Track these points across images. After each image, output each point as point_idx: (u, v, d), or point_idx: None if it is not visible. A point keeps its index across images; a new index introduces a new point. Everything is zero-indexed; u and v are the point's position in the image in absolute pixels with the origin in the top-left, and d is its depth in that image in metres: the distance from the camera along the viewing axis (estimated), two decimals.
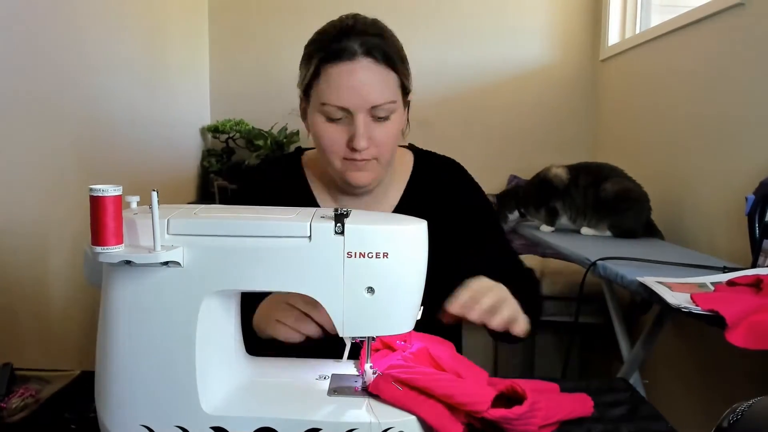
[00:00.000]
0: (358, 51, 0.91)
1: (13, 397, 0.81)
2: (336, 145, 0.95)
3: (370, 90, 0.91)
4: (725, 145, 1.76)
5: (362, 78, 0.91)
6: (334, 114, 0.93)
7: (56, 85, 1.66)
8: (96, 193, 0.63)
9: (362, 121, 0.92)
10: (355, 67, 0.91)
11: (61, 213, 1.65)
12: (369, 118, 0.93)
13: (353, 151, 0.94)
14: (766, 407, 0.61)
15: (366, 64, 0.91)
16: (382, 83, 0.93)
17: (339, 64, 0.91)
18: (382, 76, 0.93)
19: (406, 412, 0.68)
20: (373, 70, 0.92)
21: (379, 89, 0.92)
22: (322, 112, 0.94)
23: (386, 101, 0.93)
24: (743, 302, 1.07)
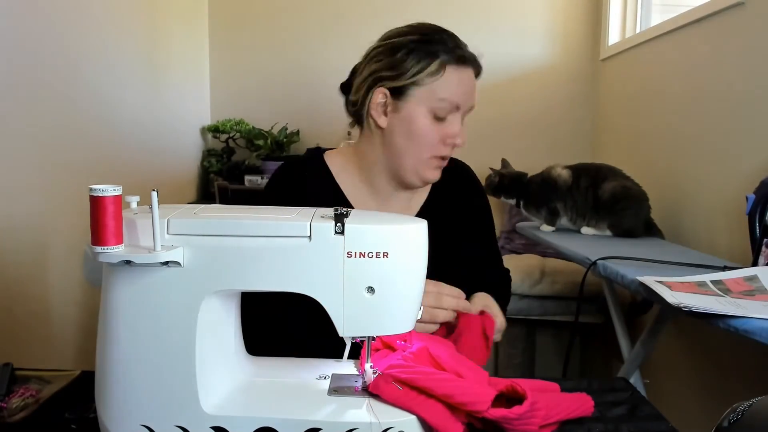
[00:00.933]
0: (470, 60, 1.05)
1: (14, 397, 0.81)
2: (435, 141, 1.03)
3: (473, 94, 1.06)
4: (725, 144, 1.76)
5: (471, 83, 1.05)
6: (443, 111, 1.02)
7: (56, 85, 1.66)
8: (96, 193, 0.63)
9: (463, 121, 1.05)
10: (470, 73, 1.05)
11: (61, 213, 1.65)
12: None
13: (449, 147, 1.04)
14: (766, 407, 0.61)
15: (471, 72, 1.05)
16: (475, 91, 1.08)
17: (464, 68, 1.03)
18: (475, 85, 1.08)
19: (406, 411, 0.68)
20: (473, 79, 1.06)
21: (475, 95, 1.07)
22: (433, 107, 1.01)
23: (474, 105, 1.07)
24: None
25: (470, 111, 1.06)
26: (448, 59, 1.01)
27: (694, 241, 1.87)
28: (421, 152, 1.03)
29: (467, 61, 1.03)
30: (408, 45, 1.02)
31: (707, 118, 1.86)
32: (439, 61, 1.00)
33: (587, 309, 2.24)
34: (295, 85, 3.05)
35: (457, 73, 1.01)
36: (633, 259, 1.46)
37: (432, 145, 1.02)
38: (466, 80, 1.03)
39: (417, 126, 1.01)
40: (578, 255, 1.62)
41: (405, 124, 1.02)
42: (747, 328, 1.02)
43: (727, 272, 1.28)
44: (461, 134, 1.03)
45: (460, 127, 1.03)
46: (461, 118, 1.04)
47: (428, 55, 1.01)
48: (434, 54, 1.01)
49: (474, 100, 1.05)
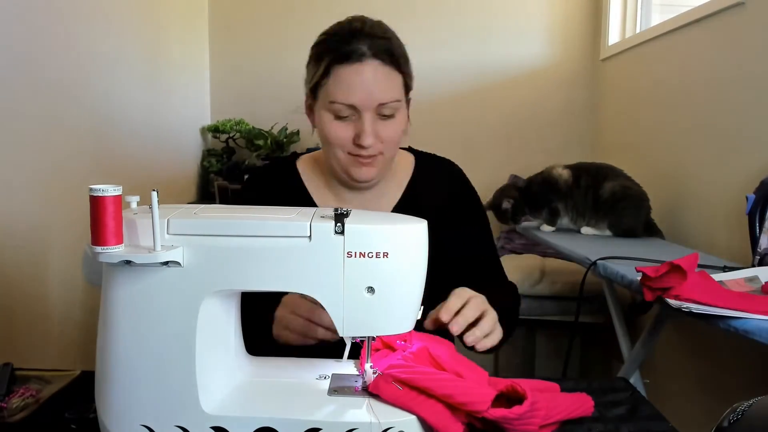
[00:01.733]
0: (367, 53, 0.96)
1: (14, 397, 0.81)
2: (343, 141, 0.99)
3: (377, 89, 0.96)
4: (725, 144, 1.76)
5: (370, 78, 0.96)
6: (342, 112, 0.98)
7: (56, 85, 1.66)
8: (96, 193, 0.63)
9: (369, 119, 0.97)
10: (363, 68, 0.96)
11: (61, 213, 1.65)
12: (375, 116, 0.98)
13: (360, 147, 0.99)
14: (766, 407, 0.61)
15: (374, 65, 0.96)
16: (389, 83, 0.98)
17: (349, 65, 0.96)
18: (389, 76, 0.98)
19: (406, 411, 0.68)
20: (380, 70, 0.97)
21: (385, 88, 0.97)
22: (331, 110, 0.99)
23: (392, 100, 0.98)
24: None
25: (391, 103, 0.98)
26: (332, 59, 0.97)
27: (694, 241, 1.87)
28: (337, 152, 1.01)
29: (354, 57, 0.95)
30: (313, 48, 1.02)
31: (707, 118, 1.86)
32: (324, 63, 0.98)
33: (587, 309, 2.24)
34: (295, 85, 3.04)
35: (344, 72, 0.96)
36: (633, 259, 1.46)
37: (343, 146, 1.00)
38: (354, 78, 0.95)
39: (325, 129, 1.00)
40: (578, 255, 1.62)
41: (319, 127, 1.02)
42: (747, 328, 1.02)
43: (728, 273, 1.28)
44: (366, 135, 0.96)
45: (367, 126, 0.97)
46: (370, 117, 0.97)
47: (317, 59, 1.00)
48: (319, 55, 0.99)
49: (379, 96, 0.96)
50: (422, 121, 2.90)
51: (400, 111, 1.01)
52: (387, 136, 0.99)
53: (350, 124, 0.98)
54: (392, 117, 0.99)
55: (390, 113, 0.99)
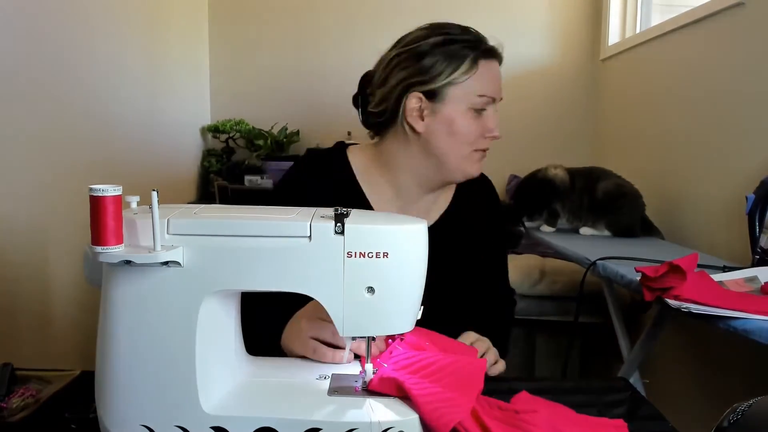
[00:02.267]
0: (496, 53, 1.06)
1: (14, 397, 0.81)
2: (476, 135, 1.04)
3: (500, 85, 1.06)
4: (725, 144, 1.76)
5: (498, 74, 1.06)
6: (483, 105, 1.03)
7: (56, 85, 1.66)
8: (96, 193, 0.63)
9: (497, 112, 1.06)
10: (496, 66, 1.06)
11: (61, 213, 1.65)
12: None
13: (489, 140, 1.05)
14: (766, 407, 0.61)
15: (497, 64, 1.06)
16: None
17: (492, 61, 1.04)
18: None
19: (408, 409, 0.68)
20: (499, 69, 1.07)
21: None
22: (473, 104, 1.02)
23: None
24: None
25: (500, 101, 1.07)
26: (478, 54, 1.02)
27: (693, 240, 1.87)
28: (464, 149, 1.04)
29: (494, 54, 1.05)
30: (434, 47, 1.02)
31: (707, 118, 1.86)
32: (471, 57, 1.01)
33: (587, 309, 2.24)
34: (295, 85, 3.05)
35: (488, 66, 1.03)
36: (633, 259, 1.46)
37: (474, 141, 1.04)
38: (496, 72, 1.05)
39: (458, 124, 1.02)
40: (578, 255, 1.62)
41: (445, 124, 1.03)
42: (747, 328, 1.02)
43: (728, 273, 1.28)
44: (497, 125, 1.05)
45: (497, 120, 1.05)
46: (495, 111, 1.05)
47: (458, 54, 1.02)
48: (464, 52, 1.02)
49: (502, 91, 1.06)
50: None
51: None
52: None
53: (480, 122, 1.03)
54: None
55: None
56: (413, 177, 1.09)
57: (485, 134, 1.04)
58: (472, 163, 1.07)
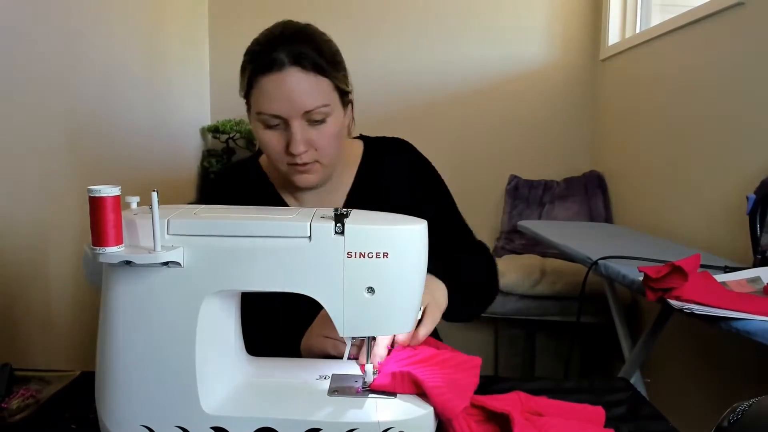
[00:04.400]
0: (286, 61, 0.94)
1: (14, 398, 0.81)
2: (276, 151, 0.98)
3: (300, 97, 0.94)
4: (726, 144, 1.76)
5: (292, 86, 0.94)
6: (270, 122, 0.96)
7: (56, 85, 1.66)
8: (95, 194, 0.63)
9: (297, 127, 0.95)
10: (284, 76, 0.94)
11: (61, 213, 1.65)
12: (304, 123, 0.96)
13: (292, 155, 0.97)
14: (766, 407, 0.61)
15: (294, 72, 0.94)
16: (313, 89, 0.96)
17: (269, 75, 0.94)
18: (312, 83, 0.95)
19: (408, 409, 0.68)
20: (302, 77, 0.94)
21: (309, 95, 0.95)
22: (260, 120, 0.97)
23: (318, 106, 0.95)
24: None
25: (319, 109, 0.95)
26: (255, 70, 0.96)
27: (694, 240, 1.87)
28: (274, 161, 1.00)
29: (274, 66, 0.94)
30: (243, 57, 1.02)
31: (707, 118, 1.86)
32: (248, 75, 0.97)
33: (588, 309, 2.24)
34: None
35: (265, 83, 0.95)
36: (634, 259, 1.46)
37: (278, 155, 0.99)
38: (275, 88, 0.94)
39: (258, 138, 1.00)
40: (579, 254, 1.62)
41: (255, 135, 1.02)
42: (748, 329, 1.02)
43: (730, 273, 1.28)
44: (294, 144, 0.95)
45: (296, 135, 0.95)
46: (298, 125, 0.95)
47: (243, 68, 0.99)
48: (244, 67, 0.99)
49: (302, 104, 0.94)
50: (422, 121, 2.91)
51: (332, 116, 0.98)
52: (319, 142, 0.97)
53: (281, 133, 0.97)
54: (323, 122, 0.97)
55: (320, 118, 0.96)
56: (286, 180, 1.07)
57: (286, 150, 0.97)
58: (295, 175, 1.00)
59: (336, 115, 0.99)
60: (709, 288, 1.14)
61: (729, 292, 1.15)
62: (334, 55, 1.01)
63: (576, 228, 2.18)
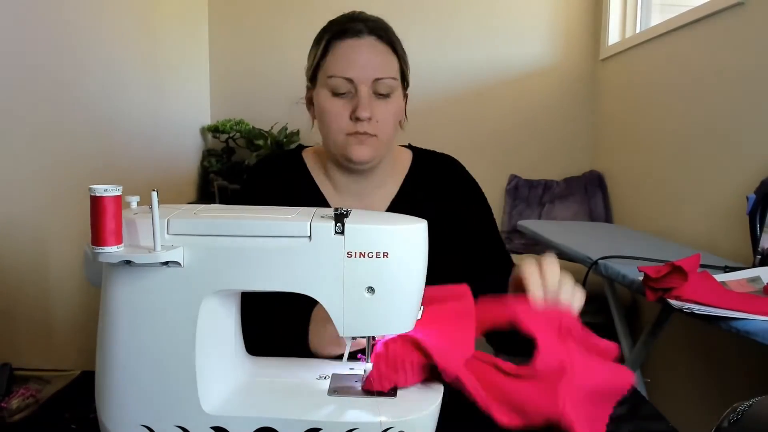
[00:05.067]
0: (364, 30, 0.99)
1: (13, 398, 0.81)
2: (340, 118, 1.00)
3: (374, 64, 0.99)
4: (726, 144, 1.76)
5: (367, 52, 0.99)
6: (340, 87, 0.99)
7: (56, 85, 1.66)
8: (96, 193, 0.63)
9: (365, 93, 0.98)
10: (360, 43, 0.99)
11: (61, 213, 1.65)
12: (371, 92, 0.99)
13: (357, 122, 0.99)
14: (766, 407, 0.61)
15: (371, 41, 1.00)
16: (384, 60, 1.00)
17: (346, 40, 0.99)
18: (384, 54, 1.01)
19: (408, 409, 0.68)
20: (377, 47, 1.00)
21: (381, 64, 0.99)
22: (329, 87, 1.00)
23: (387, 76, 0.99)
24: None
25: (387, 80, 0.99)
26: (330, 37, 1.00)
27: (694, 240, 1.87)
28: (335, 132, 1.01)
29: (351, 33, 0.99)
30: (316, 36, 1.05)
31: (707, 118, 1.86)
32: (324, 42, 1.01)
33: (587, 308, 2.24)
34: (295, 85, 3.05)
35: (342, 47, 0.99)
36: (634, 259, 1.46)
37: (341, 123, 1.00)
38: (351, 51, 0.99)
39: (323, 107, 1.01)
40: (579, 254, 1.62)
41: (318, 108, 1.03)
42: (749, 329, 1.02)
43: (730, 273, 1.28)
44: (362, 108, 0.97)
45: (363, 99, 0.98)
46: (366, 91, 0.98)
47: (317, 41, 1.04)
48: (320, 38, 1.03)
49: (375, 70, 0.98)
50: (422, 121, 2.90)
51: (395, 93, 1.01)
52: (382, 115, 1.00)
53: (347, 102, 0.99)
54: (388, 97, 1.00)
55: (386, 92, 0.99)
56: (332, 164, 1.09)
57: (352, 115, 0.99)
58: (350, 147, 1.01)
59: (398, 96, 1.03)
60: (709, 288, 1.14)
61: (729, 292, 1.15)
62: (401, 46, 1.05)
63: (576, 228, 2.18)
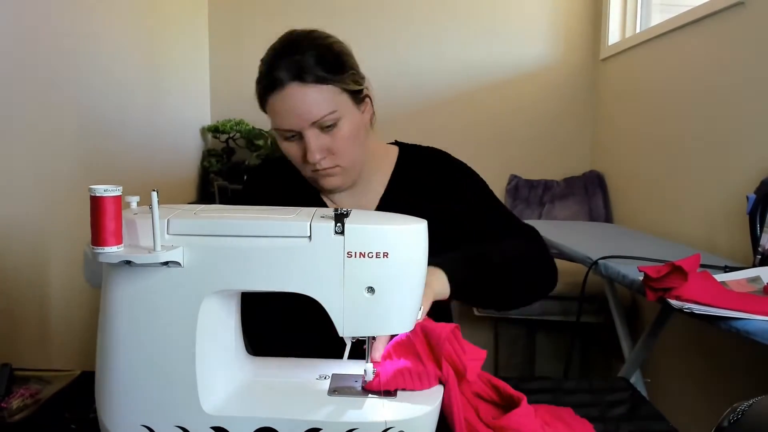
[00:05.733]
0: (286, 78, 0.96)
1: (14, 398, 0.81)
2: (298, 159, 1.01)
3: (304, 110, 0.96)
4: (726, 144, 1.76)
5: (294, 102, 0.96)
6: (286, 134, 1.00)
7: (56, 85, 1.66)
8: (96, 194, 0.63)
9: (310, 137, 0.97)
10: (285, 94, 0.96)
11: (61, 213, 1.65)
12: (317, 131, 0.98)
13: (312, 164, 1.00)
14: (766, 407, 0.61)
15: (294, 88, 0.96)
16: (315, 100, 0.97)
17: (273, 94, 0.97)
18: (314, 94, 0.96)
19: (409, 409, 0.68)
20: (303, 91, 0.96)
21: (313, 107, 0.96)
22: (278, 134, 1.01)
23: (324, 114, 0.97)
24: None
25: (326, 117, 0.97)
26: (263, 90, 0.99)
27: (695, 240, 1.87)
28: (300, 169, 1.04)
29: (275, 84, 0.96)
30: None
31: (707, 118, 1.86)
32: (259, 95, 1.01)
33: (588, 309, 2.24)
34: None
35: (272, 102, 0.98)
36: (634, 258, 1.46)
37: (298, 163, 1.02)
38: (281, 105, 0.97)
39: (282, 148, 1.03)
40: (579, 254, 1.62)
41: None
42: (749, 329, 1.02)
43: (730, 273, 1.28)
44: (310, 153, 0.98)
45: (310, 145, 0.97)
46: (311, 134, 0.97)
47: (256, 90, 1.02)
48: (258, 84, 1.01)
49: (308, 116, 0.96)
50: (422, 121, 2.91)
51: (343, 118, 0.99)
52: (335, 146, 0.99)
53: (299, 143, 0.99)
54: (335, 126, 0.98)
55: (330, 124, 0.97)
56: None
57: (304, 159, 1.00)
58: (318, 181, 1.04)
59: (348, 117, 1.00)
60: (709, 288, 1.14)
61: (729, 292, 1.15)
62: (338, 57, 1.00)
63: (576, 228, 2.18)
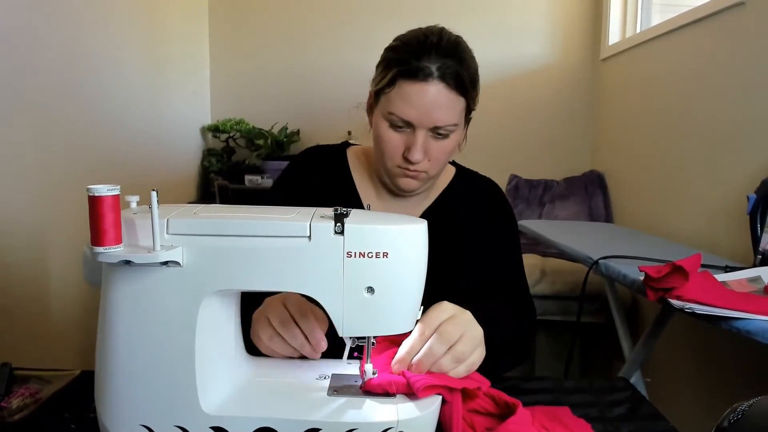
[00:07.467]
0: (435, 74, 0.94)
1: (13, 397, 0.81)
2: (394, 151, 0.99)
3: (437, 111, 0.95)
4: (726, 144, 1.76)
5: (432, 99, 0.94)
6: (397, 123, 0.97)
7: (56, 84, 1.66)
8: (94, 193, 0.63)
9: (421, 137, 0.96)
10: (428, 88, 0.94)
11: (60, 213, 1.65)
12: (429, 134, 0.97)
13: (407, 161, 0.98)
14: (766, 407, 0.61)
15: (438, 88, 0.94)
16: (449, 107, 0.96)
17: (413, 82, 0.94)
18: (451, 101, 0.96)
19: (409, 409, 0.68)
20: (443, 94, 0.95)
21: (444, 112, 0.95)
22: (387, 119, 0.98)
23: (448, 123, 0.96)
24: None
25: (448, 126, 0.96)
26: (400, 72, 0.95)
27: (695, 240, 1.87)
28: (387, 160, 1.00)
29: (421, 75, 0.93)
30: (386, 51, 1.01)
31: (707, 118, 1.86)
32: (392, 73, 0.96)
33: (589, 309, 2.24)
34: (295, 85, 3.06)
35: (406, 88, 0.94)
36: (635, 258, 1.46)
37: (393, 156, 0.99)
38: (416, 96, 0.94)
39: (379, 135, 1.00)
40: (580, 254, 1.62)
41: (375, 131, 1.02)
42: (749, 329, 1.02)
43: (731, 273, 1.28)
44: (415, 151, 0.96)
45: (418, 143, 0.96)
46: (423, 135, 0.96)
47: (386, 66, 0.98)
48: (389, 63, 0.98)
49: (436, 118, 0.94)
50: None
51: (455, 133, 0.99)
52: (436, 155, 0.99)
53: (403, 136, 0.98)
54: (445, 137, 0.98)
55: (444, 134, 0.97)
56: (379, 177, 1.08)
57: (405, 152, 0.98)
58: (398, 178, 1.01)
59: (458, 132, 1.00)
60: (709, 288, 1.14)
61: (730, 292, 1.15)
62: (474, 73, 1.01)
63: (576, 228, 2.18)
